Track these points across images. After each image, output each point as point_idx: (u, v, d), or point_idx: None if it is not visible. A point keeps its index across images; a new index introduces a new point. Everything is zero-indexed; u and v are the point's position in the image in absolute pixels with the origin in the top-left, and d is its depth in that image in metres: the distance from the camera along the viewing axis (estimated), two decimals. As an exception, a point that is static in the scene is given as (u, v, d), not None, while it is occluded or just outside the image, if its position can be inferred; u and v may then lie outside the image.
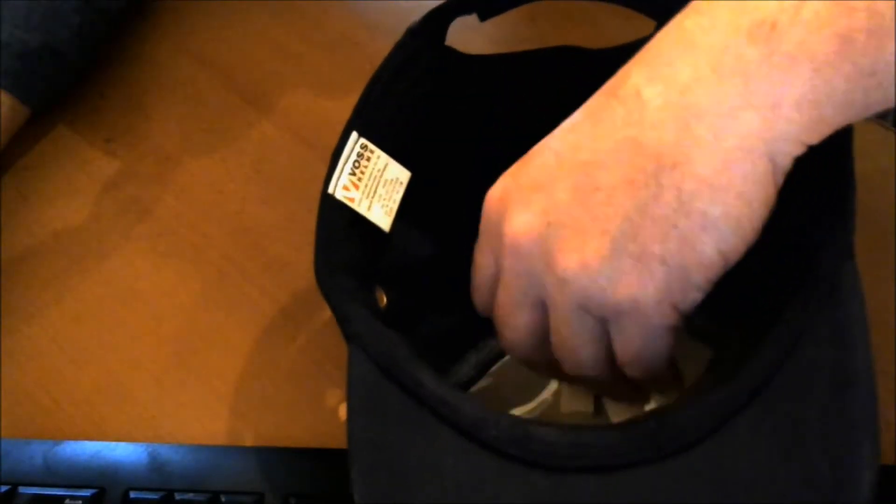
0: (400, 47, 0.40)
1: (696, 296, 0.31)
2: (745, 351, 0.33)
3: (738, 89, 0.29)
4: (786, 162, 0.30)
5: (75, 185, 0.56)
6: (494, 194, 0.34)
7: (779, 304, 0.33)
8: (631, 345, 0.33)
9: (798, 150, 0.30)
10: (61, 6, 0.55)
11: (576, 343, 0.33)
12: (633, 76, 0.31)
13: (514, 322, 0.35)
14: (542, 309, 0.34)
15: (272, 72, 0.60)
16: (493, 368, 0.45)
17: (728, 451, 0.30)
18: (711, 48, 0.29)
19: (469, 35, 0.44)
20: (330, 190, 0.38)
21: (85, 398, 0.49)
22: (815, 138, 0.29)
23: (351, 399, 0.33)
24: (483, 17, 0.42)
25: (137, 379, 0.49)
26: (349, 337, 0.35)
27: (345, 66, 0.59)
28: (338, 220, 0.38)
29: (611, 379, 0.36)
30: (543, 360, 0.36)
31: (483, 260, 0.36)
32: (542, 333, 0.35)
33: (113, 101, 0.59)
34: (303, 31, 0.61)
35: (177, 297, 0.51)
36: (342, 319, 0.35)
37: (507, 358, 0.45)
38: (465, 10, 0.42)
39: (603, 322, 0.33)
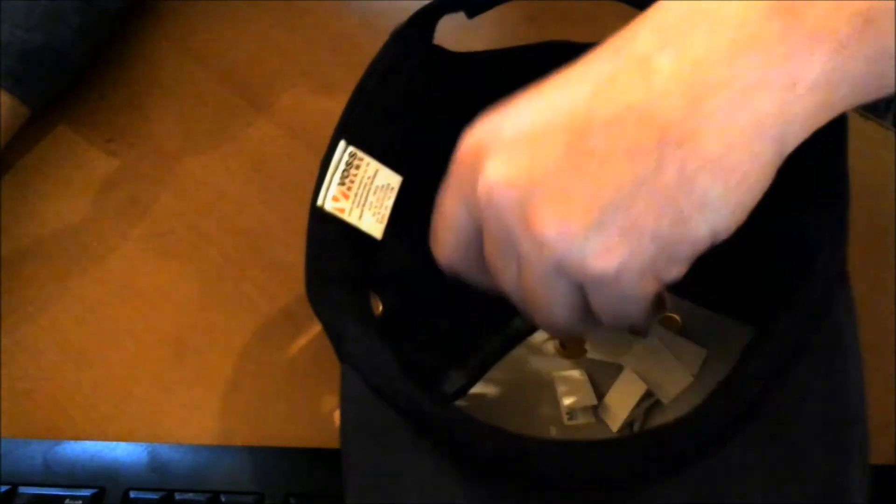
0: (386, 50, 0.40)
1: (679, 269, 0.30)
2: (739, 359, 0.33)
3: (755, 67, 0.27)
4: (791, 146, 0.29)
5: (75, 185, 0.56)
6: (471, 141, 0.32)
7: (775, 303, 0.32)
8: (609, 309, 0.32)
9: (805, 133, 0.29)
10: (62, 6, 0.55)
11: (549, 303, 0.32)
12: (642, 40, 0.29)
13: (506, 273, 0.33)
14: None
15: (272, 72, 0.59)
16: (491, 372, 0.45)
17: (721, 471, 0.30)
18: (728, 21, 0.28)
19: (468, 35, 0.44)
20: (319, 202, 0.37)
21: (85, 398, 0.49)
22: (822, 121, 0.29)
23: (344, 419, 0.33)
24: (470, 15, 0.42)
25: (137, 379, 0.49)
26: (342, 356, 0.34)
27: (345, 66, 0.59)
28: (329, 232, 0.38)
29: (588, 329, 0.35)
30: None
31: (452, 209, 0.33)
32: None
33: (113, 101, 0.59)
34: (303, 31, 0.61)
35: (176, 296, 0.51)
36: (334, 338, 0.35)
37: (505, 360, 0.45)
38: (451, 9, 0.41)
39: (578, 285, 0.31)
